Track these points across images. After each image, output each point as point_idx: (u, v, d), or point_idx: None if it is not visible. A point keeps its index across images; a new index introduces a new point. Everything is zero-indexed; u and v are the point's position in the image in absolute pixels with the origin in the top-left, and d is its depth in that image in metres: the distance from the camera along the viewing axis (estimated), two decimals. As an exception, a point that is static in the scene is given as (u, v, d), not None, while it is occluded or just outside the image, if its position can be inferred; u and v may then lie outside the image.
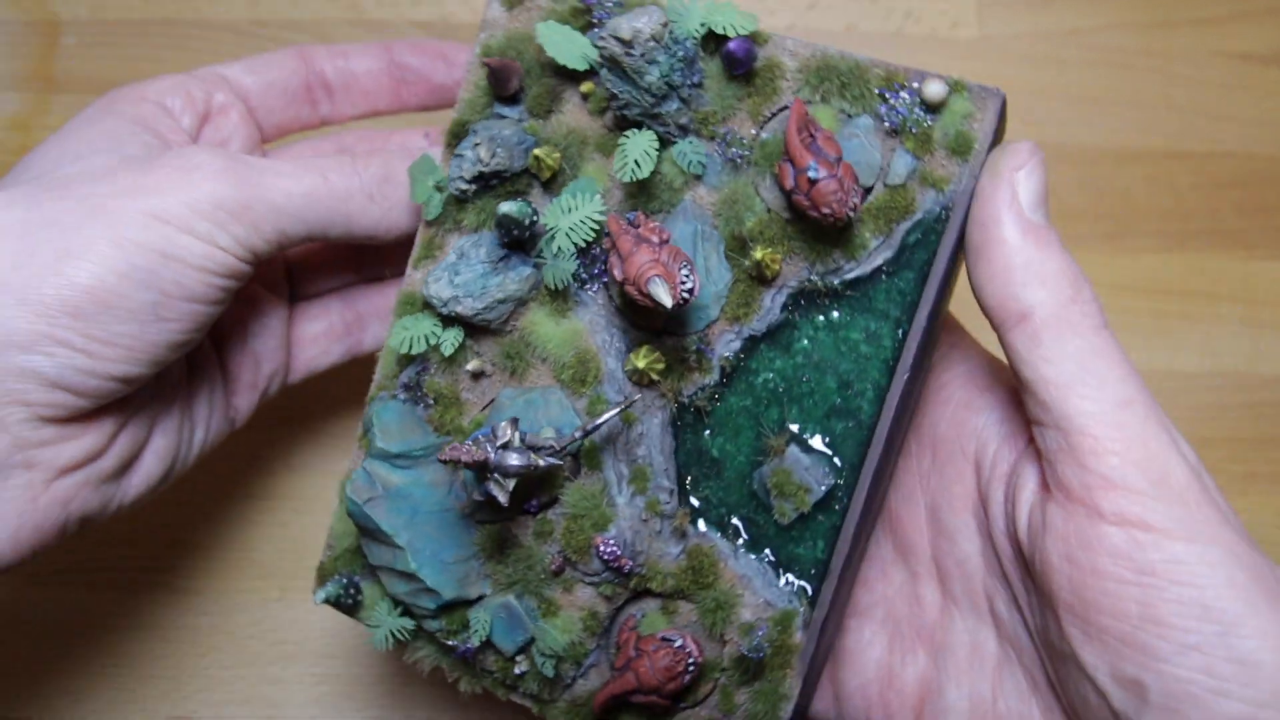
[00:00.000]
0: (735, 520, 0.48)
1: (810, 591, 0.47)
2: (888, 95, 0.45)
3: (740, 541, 0.48)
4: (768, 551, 0.48)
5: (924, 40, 0.76)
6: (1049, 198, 0.43)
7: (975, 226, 0.43)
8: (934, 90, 0.44)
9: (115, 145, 0.50)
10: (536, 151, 0.47)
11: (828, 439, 0.47)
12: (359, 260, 0.62)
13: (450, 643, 0.49)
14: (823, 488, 0.46)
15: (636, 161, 0.45)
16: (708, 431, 0.48)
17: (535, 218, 0.46)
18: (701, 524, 0.48)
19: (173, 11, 0.78)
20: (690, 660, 0.46)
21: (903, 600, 0.52)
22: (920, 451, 0.51)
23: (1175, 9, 0.77)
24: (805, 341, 0.47)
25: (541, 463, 0.44)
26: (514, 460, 0.43)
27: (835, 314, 0.47)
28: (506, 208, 0.46)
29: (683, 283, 0.42)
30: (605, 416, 0.45)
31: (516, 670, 0.49)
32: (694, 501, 0.48)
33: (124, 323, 0.45)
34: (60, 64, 0.77)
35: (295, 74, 0.58)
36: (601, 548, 0.47)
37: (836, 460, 0.47)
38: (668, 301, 0.42)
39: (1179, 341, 0.73)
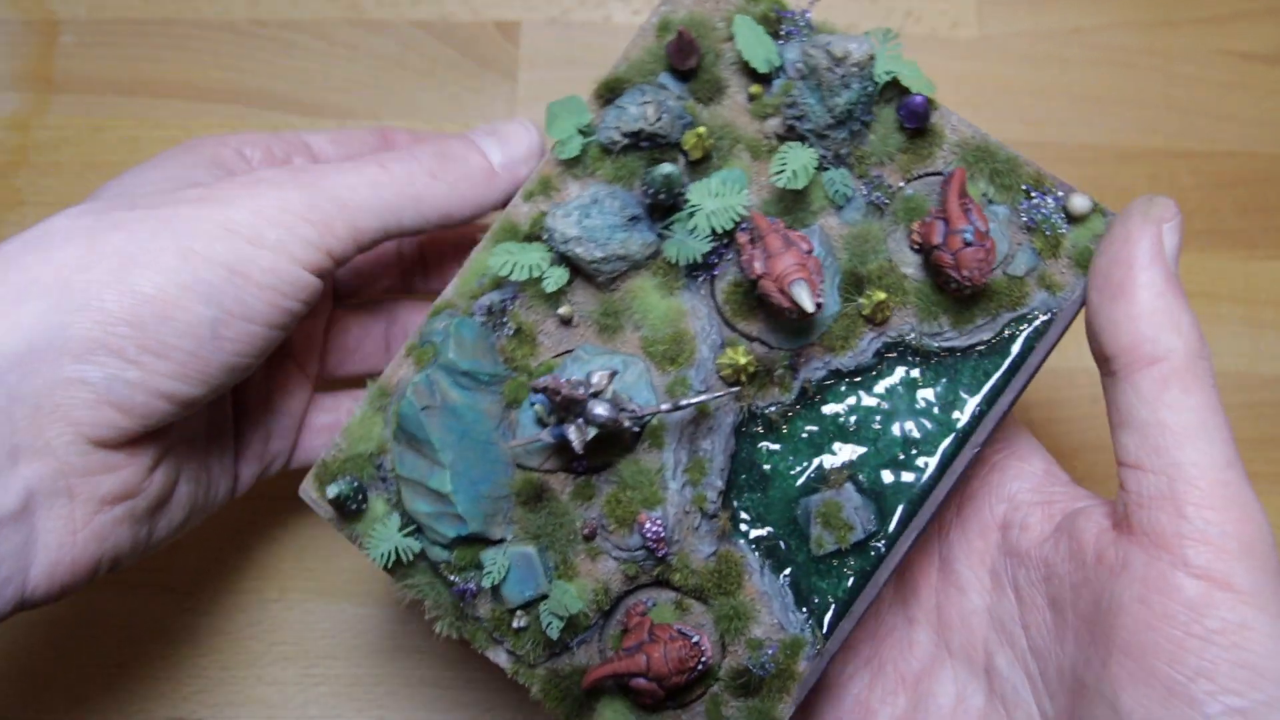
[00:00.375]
0: (769, 538, 0.48)
1: (826, 626, 0.47)
2: (1033, 194, 0.48)
3: (768, 560, 0.48)
4: (790, 575, 0.48)
5: (924, 40, 0.77)
6: None
7: (1116, 266, 0.43)
8: (1079, 203, 0.48)
9: (190, 177, 0.50)
10: (699, 129, 0.48)
11: (878, 488, 0.48)
12: (388, 341, 0.63)
13: (452, 578, 0.48)
14: (864, 531, 0.47)
15: (795, 171, 0.47)
16: (766, 445, 0.49)
17: (684, 189, 0.47)
18: (745, 530, 0.48)
19: (172, 11, 0.78)
20: (703, 659, 0.46)
21: (893, 642, 0.53)
22: (943, 502, 0.52)
23: (1176, 8, 0.77)
24: (884, 390, 0.49)
25: (626, 422, 0.44)
26: (601, 410, 0.43)
27: (920, 374, 0.48)
28: (670, 169, 0.46)
29: (820, 297, 0.44)
30: (701, 398, 0.45)
31: (515, 624, 0.48)
32: (735, 508, 0.49)
33: (180, 336, 0.45)
34: (59, 63, 0.77)
35: (375, 152, 0.58)
36: (647, 525, 0.46)
37: (885, 509, 0.48)
38: (809, 306, 0.43)
39: (1180, 341, 0.73)
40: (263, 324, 0.47)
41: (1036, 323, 0.48)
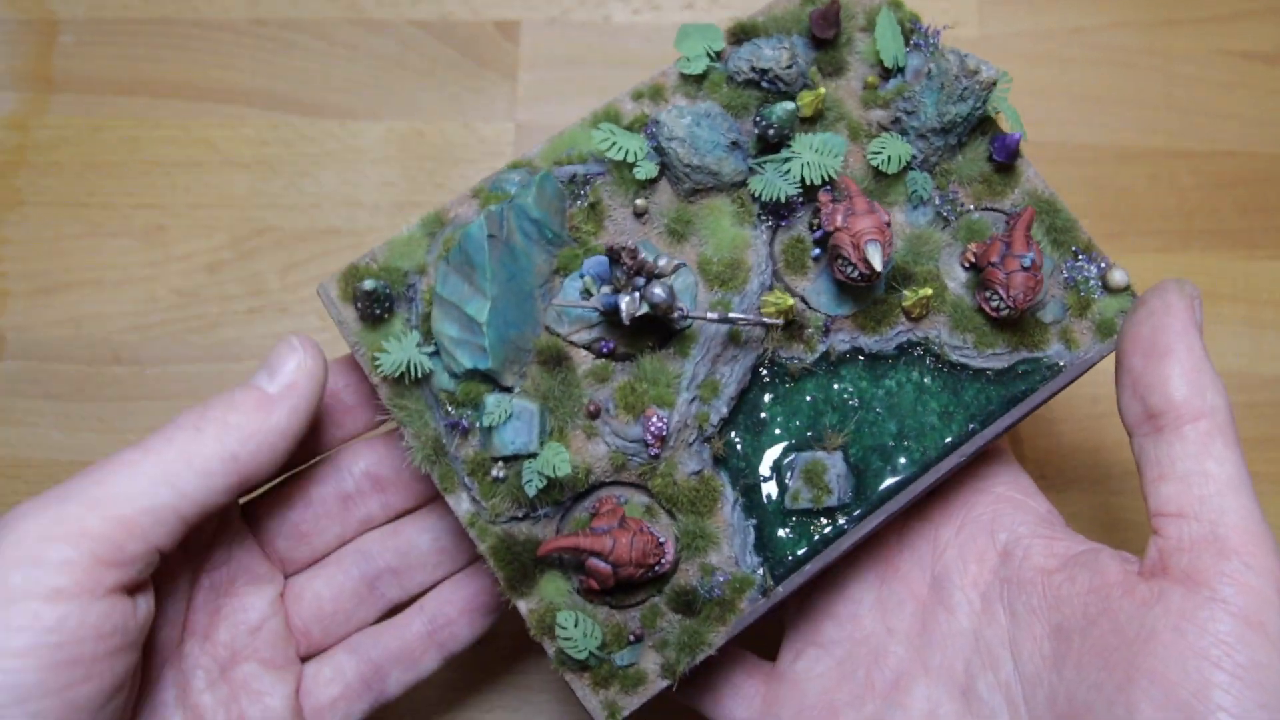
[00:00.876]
0: (750, 478, 0.50)
1: (775, 577, 0.49)
2: (1080, 256, 0.52)
3: (742, 499, 0.50)
4: (757, 519, 0.50)
5: (925, 39, 0.77)
6: None
7: (1162, 332, 0.46)
8: (1118, 277, 0.52)
9: None
10: (819, 90, 0.51)
11: (863, 466, 0.50)
12: (372, 598, 0.57)
13: (449, 408, 0.48)
14: (838, 500, 0.49)
15: (890, 157, 0.51)
16: (771, 395, 0.51)
17: (791, 134, 0.50)
18: (732, 463, 0.50)
19: (171, 11, 0.78)
20: (662, 561, 0.47)
21: (867, 650, 0.54)
22: (944, 522, 0.54)
23: (1177, 8, 0.77)
24: (893, 383, 0.51)
25: (675, 313, 0.46)
26: (659, 291, 0.45)
27: (929, 380, 0.51)
28: (791, 107, 0.49)
29: (887, 263, 0.47)
30: (747, 317, 0.47)
31: (493, 474, 0.48)
32: (731, 439, 0.51)
33: None
34: (58, 63, 0.77)
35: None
36: (653, 419, 0.48)
37: (864, 488, 0.50)
38: (879, 266, 0.46)
39: (1180, 341, 0.73)
40: (50, 694, 0.39)
41: (1045, 370, 0.51)
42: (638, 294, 0.45)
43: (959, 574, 0.53)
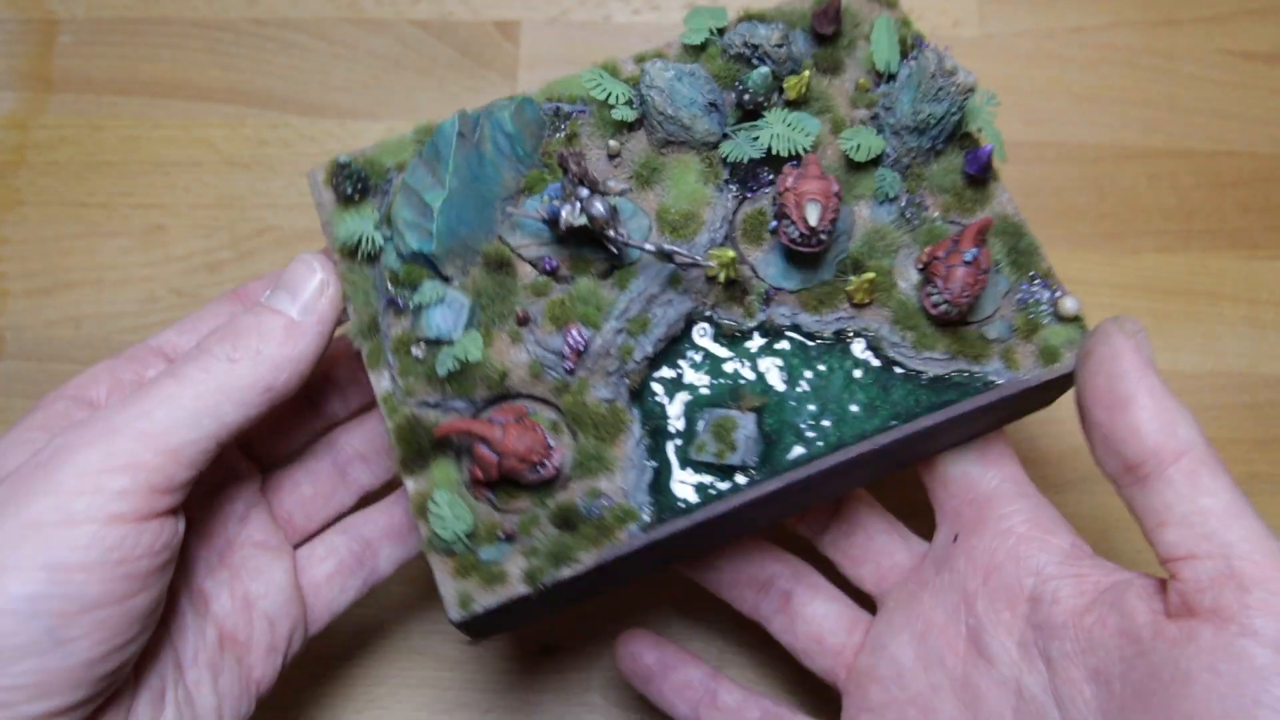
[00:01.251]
0: (658, 420, 0.51)
1: (659, 519, 0.49)
2: (1036, 280, 0.52)
3: (648, 440, 0.51)
4: (657, 463, 0.50)
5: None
6: None
7: (1118, 379, 0.46)
8: (1069, 305, 0.51)
9: (4, 467, 0.47)
10: (805, 74, 0.53)
11: (774, 438, 0.51)
12: (345, 483, 0.60)
13: (390, 285, 0.50)
14: (741, 460, 0.50)
15: (859, 145, 0.52)
16: (701, 353, 0.52)
17: (767, 104, 0.52)
18: (647, 402, 0.51)
19: (171, 10, 0.78)
20: (545, 465, 0.48)
21: (917, 709, 0.53)
22: (970, 572, 0.53)
23: (1178, 7, 0.77)
24: (824, 367, 0.52)
25: (611, 233, 0.48)
26: (600, 207, 0.47)
27: (860, 373, 0.52)
28: (767, 71, 0.52)
29: (824, 225, 0.48)
30: (681, 251, 0.49)
31: (413, 351, 0.50)
32: (650, 380, 0.52)
33: (23, 656, 0.41)
34: (57, 63, 0.77)
35: (233, 318, 0.54)
36: (573, 332, 0.49)
37: (769, 457, 0.50)
38: (814, 221, 0.48)
39: (1181, 341, 0.72)
40: (113, 603, 0.43)
41: (979, 384, 0.51)
42: (578, 204, 0.48)
43: (992, 624, 0.51)
